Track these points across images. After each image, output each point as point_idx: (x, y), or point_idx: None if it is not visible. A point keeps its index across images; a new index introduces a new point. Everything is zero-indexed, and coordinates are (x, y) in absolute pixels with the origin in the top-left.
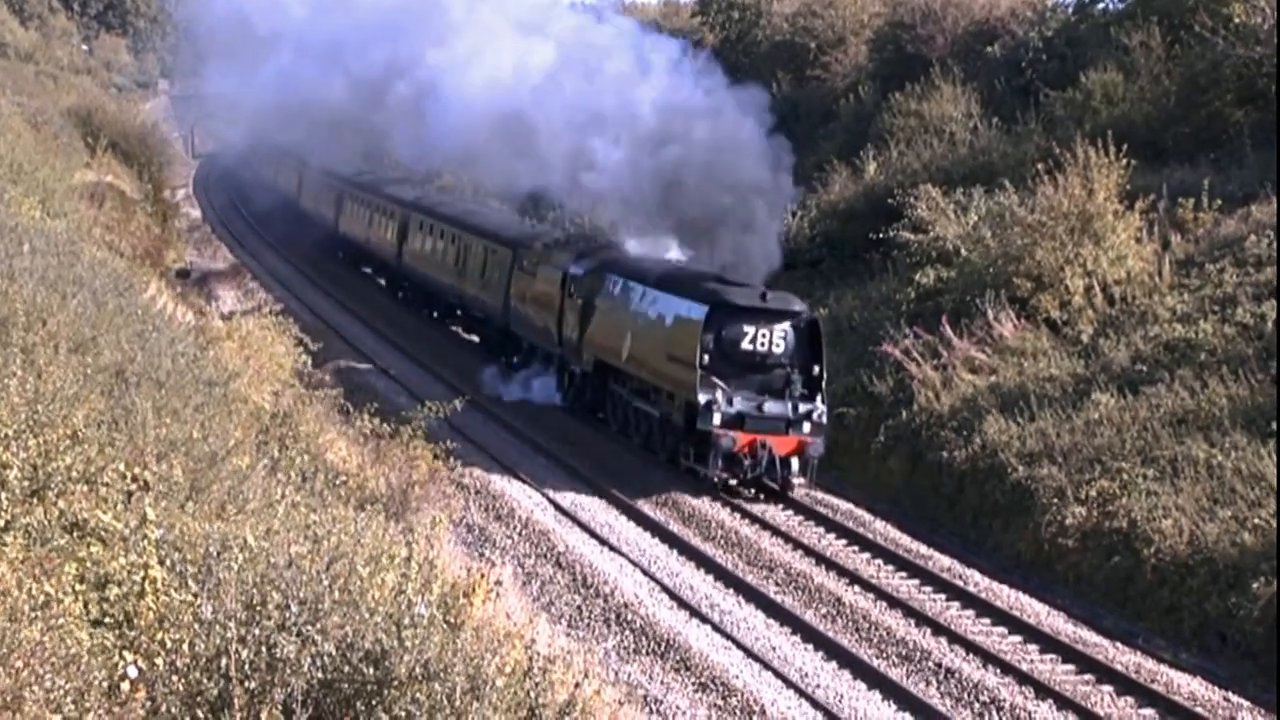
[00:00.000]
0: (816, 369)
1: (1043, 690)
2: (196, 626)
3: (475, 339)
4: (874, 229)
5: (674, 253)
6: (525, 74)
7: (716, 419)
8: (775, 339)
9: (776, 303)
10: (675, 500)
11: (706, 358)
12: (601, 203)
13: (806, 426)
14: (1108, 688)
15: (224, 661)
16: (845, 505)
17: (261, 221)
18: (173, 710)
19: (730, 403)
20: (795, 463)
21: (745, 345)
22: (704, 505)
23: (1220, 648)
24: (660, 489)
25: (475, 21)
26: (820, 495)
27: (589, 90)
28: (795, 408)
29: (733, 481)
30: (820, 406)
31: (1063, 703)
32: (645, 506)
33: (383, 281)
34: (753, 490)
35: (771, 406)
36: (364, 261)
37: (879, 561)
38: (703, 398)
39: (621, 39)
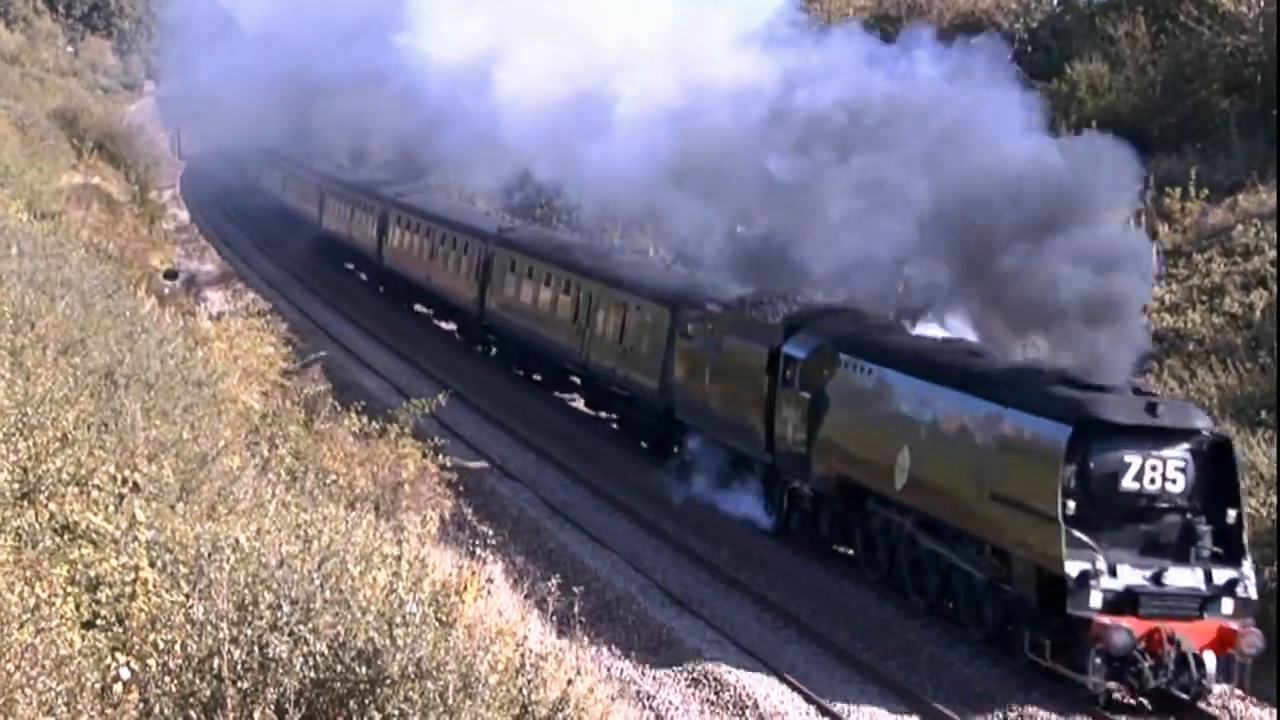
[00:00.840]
0: (1232, 514)
1: (1032, 682)
2: (188, 627)
3: (606, 414)
4: None
5: (932, 325)
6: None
7: (1096, 599)
8: (1170, 472)
9: (1171, 417)
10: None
11: (1071, 504)
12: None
13: (1228, 605)
14: None
15: (216, 662)
16: None
17: (263, 235)
18: (165, 711)
19: (1114, 573)
20: (1213, 660)
21: (1127, 483)
22: None
23: None
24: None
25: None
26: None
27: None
28: (1209, 576)
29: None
30: (1247, 573)
31: (1053, 695)
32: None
33: (452, 326)
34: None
35: (1176, 576)
36: (421, 300)
37: None
38: (1073, 567)
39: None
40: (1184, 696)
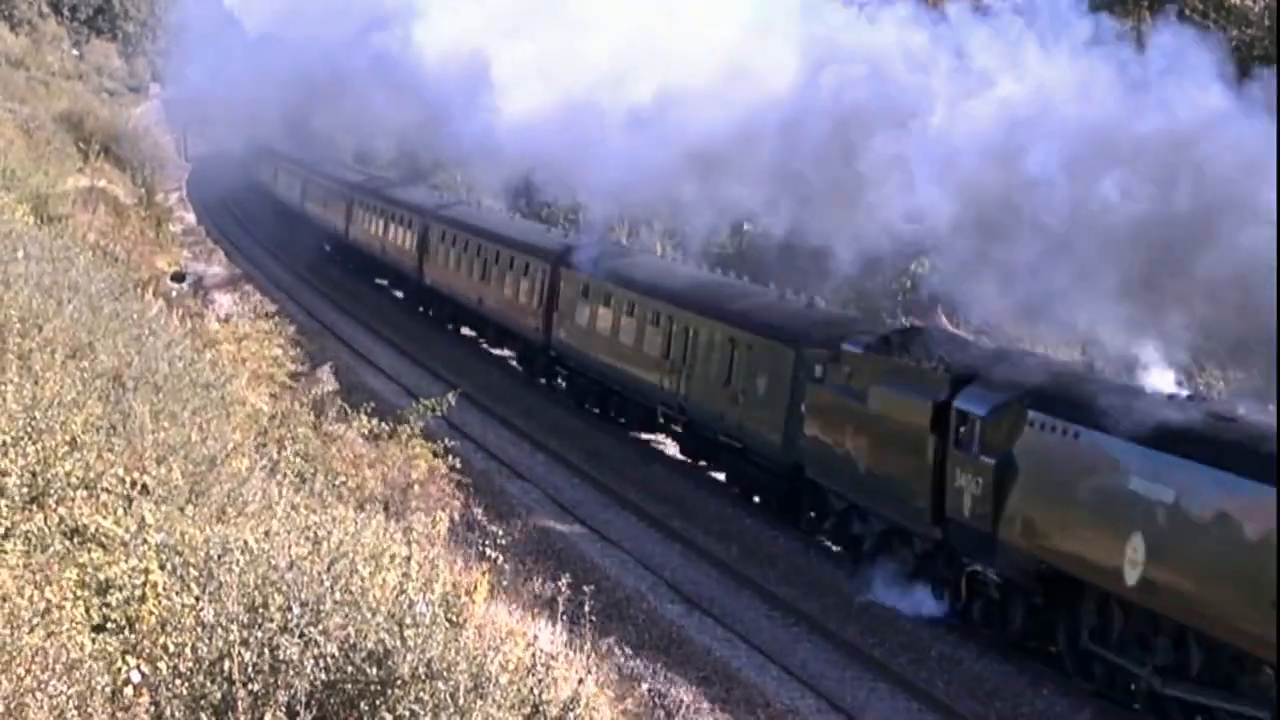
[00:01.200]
0: None
1: (1040, 679)
2: (199, 630)
3: (707, 464)
4: None
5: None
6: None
7: None
8: None
9: None
10: None
11: None
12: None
13: None
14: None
15: (227, 664)
16: None
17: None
18: (176, 714)
19: None
20: None
21: None
22: None
23: None
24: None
25: None
26: None
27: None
28: None
29: None
30: None
31: (1061, 692)
32: None
33: (503, 353)
34: None
35: None
36: (470, 323)
37: None
38: None
39: None
40: None
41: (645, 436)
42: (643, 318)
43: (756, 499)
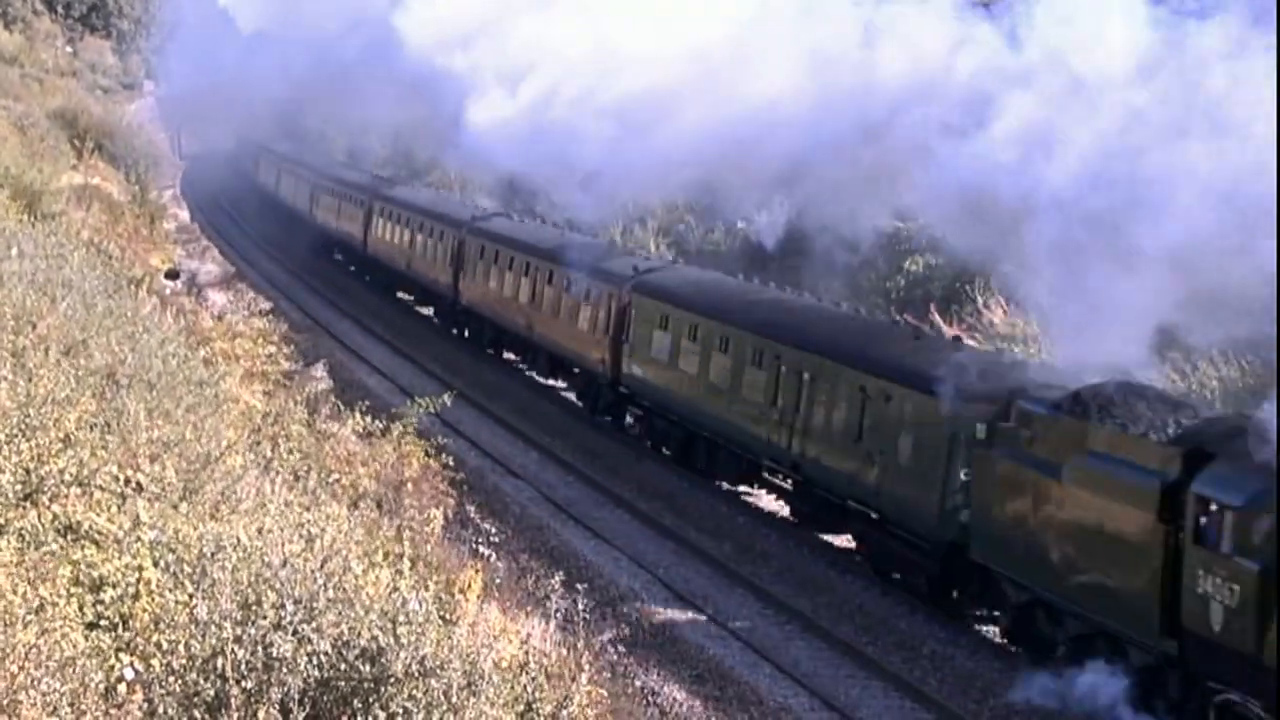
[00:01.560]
0: None
1: (1034, 678)
2: (192, 627)
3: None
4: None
5: None
6: None
7: None
8: None
9: None
10: None
11: None
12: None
13: None
14: None
15: (220, 662)
16: None
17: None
18: (170, 711)
19: None
20: None
21: None
22: None
23: None
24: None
25: None
26: None
27: None
28: None
29: None
30: None
31: (1056, 690)
32: None
33: (560, 383)
34: None
35: None
36: (515, 349)
37: None
38: None
39: None
40: None
41: (740, 489)
42: (740, 356)
43: (896, 576)
